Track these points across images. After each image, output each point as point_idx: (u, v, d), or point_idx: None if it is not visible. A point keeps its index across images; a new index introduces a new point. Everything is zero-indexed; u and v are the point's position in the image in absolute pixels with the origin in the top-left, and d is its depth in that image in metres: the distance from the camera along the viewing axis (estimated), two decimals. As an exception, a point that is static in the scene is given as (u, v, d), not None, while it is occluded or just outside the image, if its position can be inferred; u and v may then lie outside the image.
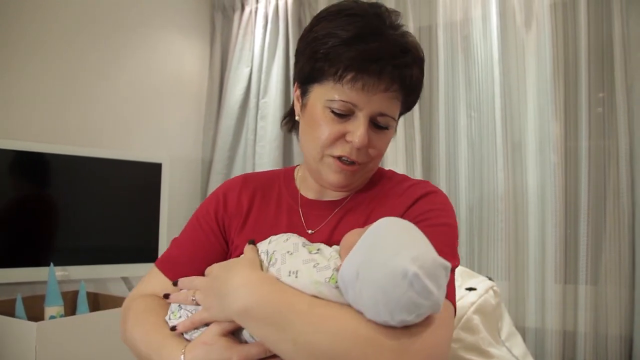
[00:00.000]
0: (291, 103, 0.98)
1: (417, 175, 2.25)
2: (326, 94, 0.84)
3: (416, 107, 2.24)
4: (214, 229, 0.95)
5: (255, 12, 2.71)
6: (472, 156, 2.14)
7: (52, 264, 1.72)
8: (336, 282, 0.70)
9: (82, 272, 1.95)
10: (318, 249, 0.76)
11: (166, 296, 0.85)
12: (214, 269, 0.82)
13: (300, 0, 2.61)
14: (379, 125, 0.85)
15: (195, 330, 0.78)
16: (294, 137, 2.71)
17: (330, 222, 0.90)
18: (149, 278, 0.95)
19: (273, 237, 0.83)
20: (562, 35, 2.00)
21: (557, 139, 1.97)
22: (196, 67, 2.79)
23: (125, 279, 2.21)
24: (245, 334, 0.75)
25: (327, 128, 0.84)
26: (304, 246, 0.77)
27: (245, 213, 0.95)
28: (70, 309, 1.80)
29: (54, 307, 1.69)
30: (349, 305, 0.69)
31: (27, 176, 1.86)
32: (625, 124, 1.88)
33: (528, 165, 2.02)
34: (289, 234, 0.82)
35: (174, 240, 1.00)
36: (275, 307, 0.69)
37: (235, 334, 0.76)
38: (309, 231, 0.91)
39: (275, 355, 0.73)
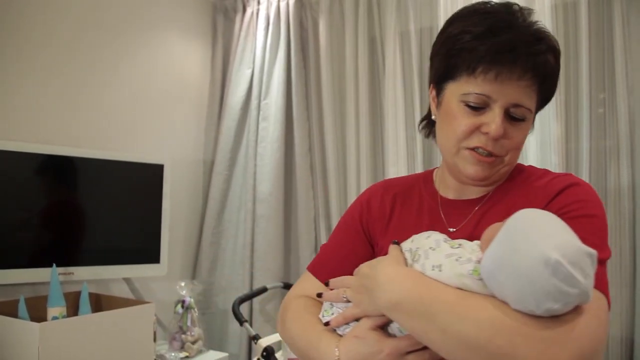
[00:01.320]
0: (428, 107, 1.03)
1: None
2: (460, 89, 0.86)
3: (417, 107, 2.28)
4: (359, 232, 1.01)
5: (257, 13, 2.72)
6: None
7: (54, 265, 1.73)
8: (479, 274, 0.71)
9: (85, 273, 1.96)
10: (459, 244, 0.78)
11: (319, 295, 0.92)
12: (362, 268, 0.85)
13: (302, 1, 2.61)
14: (514, 117, 0.85)
15: (347, 326, 0.83)
16: (296, 138, 2.72)
17: (471, 220, 0.91)
18: (302, 281, 1.02)
19: (415, 236, 0.85)
20: (563, 36, 2.00)
21: (558, 140, 1.97)
22: (198, 69, 2.80)
23: (127, 280, 2.22)
24: (394, 328, 0.78)
25: (462, 121, 0.86)
26: (445, 242, 0.80)
27: (387, 216, 1.00)
28: (73, 309, 1.81)
29: (57, 308, 1.69)
30: (492, 296, 0.70)
31: (29, 178, 1.87)
32: (626, 124, 1.88)
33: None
34: (431, 232, 0.85)
35: (323, 246, 1.07)
36: (423, 299, 0.72)
37: (384, 328, 0.80)
38: (451, 229, 0.92)
39: (423, 349, 0.76)
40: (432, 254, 0.77)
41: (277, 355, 1.97)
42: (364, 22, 2.43)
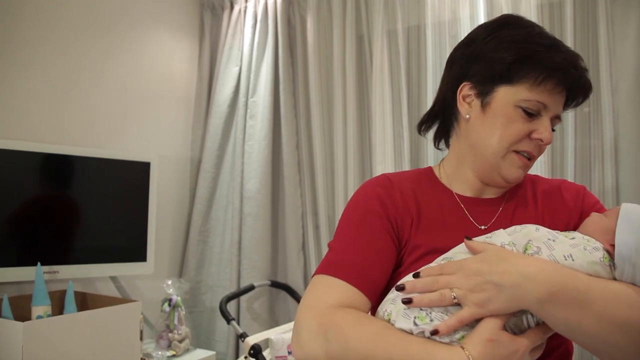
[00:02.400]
0: (434, 104, 1.05)
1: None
2: (520, 94, 0.89)
3: (404, 105, 2.29)
4: (389, 229, 0.92)
5: (245, 11, 2.71)
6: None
7: (39, 263, 1.71)
8: (609, 260, 0.78)
9: (70, 271, 1.94)
10: (573, 237, 0.82)
11: (408, 301, 0.78)
12: (470, 264, 0.78)
13: (290, -1, 2.62)
14: (552, 126, 0.93)
15: (456, 332, 0.75)
16: (283, 136, 2.72)
17: (501, 218, 0.95)
18: (326, 289, 0.85)
19: (508, 230, 0.84)
20: (549, 35, 2.02)
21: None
22: (185, 66, 2.78)
23: (113, 279, 2.20)
24: (512, 324, 0.77)
25: (519, 125, 0.90)
26: (558, 232, 0.83)
27: (415, 212, 0.94)
28: (58, 308, 1.79)
29: (41, 306, 1.68)
30: (619, 281, 0.77)
31: (13, 175, 1.85)
32: (610, 124, 1.91)
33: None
34: (534, 225, 0.85)
35: (336, 245, 0.93)
36: (579, 288, 0.73)
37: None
38: (482, 227, 0.94)
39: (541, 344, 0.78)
40: (556, 244, 0.79)
41: (265, 353, 1.97)
42: (351, 20, 2.44)
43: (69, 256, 1.98)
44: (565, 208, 0.95)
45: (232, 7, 2.75)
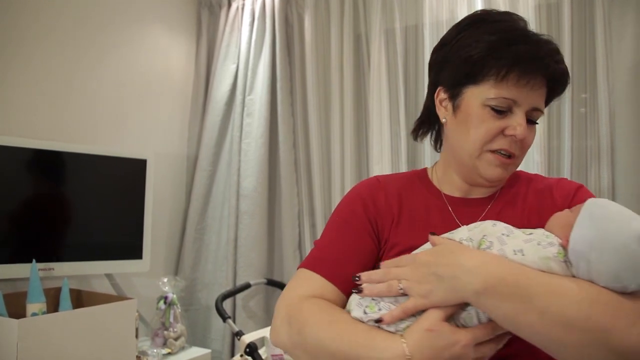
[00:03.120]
0: (422, 111, 1.06)
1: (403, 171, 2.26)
2: (485, 93, 0.88)
3: (402, 104, 2.29)
4: (366, 228, 0.96)
5: (242, 8, 2.70)
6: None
7: (34, 260, 1.71)
8: (564, 256, 0.75)
9: (66, 268, 1.94)
10: (531, 232, 0.80)
11: (358, 290, 0.82)
12: (421, 257, 0.80)
13: (287, -3, 2.61)
14: (531, 120, 0.91)
15: (402, 321, 0.77)
16: (280, 134, 2.72)
17: (486, 218, 0.93)
18: (302, 281, 0.91)
19: (470, 226, 0.85)
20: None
21: (540, 139, 1.99)
22: (182, 64, 2.77)
23: (109, 276, 2.20)
24: (458, 319, 0.76)
25: (488, 124, 0.89)
26: (515, 228, 0.81)
27: (397, 213, 0.97)
28: (53, 306, 1.79)
29: (36, 304, 1.67)
30: (574, 277, 0.74)
31: (8, 171, 1.84)
32: (607, 124, 1.91)
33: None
34: (493, 221, 0.84)
35: (320, 243, 0.98)
36: (519, 282, 0.71)
37: (449, 320, 0.77)
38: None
39: (496, 338, 0.76)
40: (508, 239, 0.78)
41: (260, 351, 1.97)
42: (349, 19, 2.44)
43: (64, 253, 1.98)
44: (554, 207, 0.91)
45: (229, 5, 2.75)
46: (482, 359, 0.76)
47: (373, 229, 0.96)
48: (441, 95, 0.97)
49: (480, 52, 0.88)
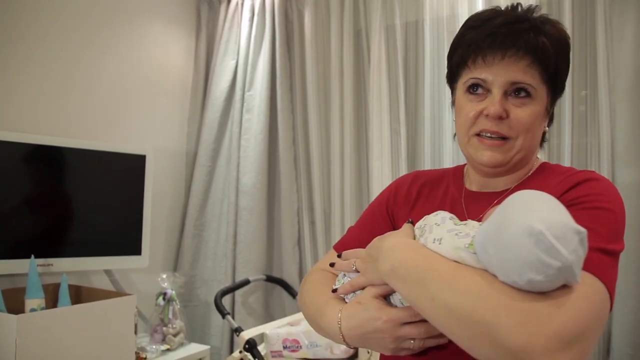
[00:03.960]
0: None
1: (402, 169, 2.26)
2: (463, 81, 0.93)
3: (402, 101, 2.28)
4: (384, 216, 1.07)
5: (242, 4, 2.69)
6: (457, 151, 2.15)
7: (33, 256, 1.70)
8: (474, 247, 0.74)
9: (64, 264, 1.94)
10: (465, 223, 0.81)
11: (332, 265, 0.97)
12: (374, 241, 0.88)
13: (287, -7, 2.60)
14: (516, 95, 0.89)
15: (354, 294, 0.88)
16: (280, 131, 2.72)
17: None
18: (326, 257, 1.08)
19: (427, 215, 0.89)
20: (547, 32, 2.02)
21: (540, 136, 1.99)
22: (181, 59, 2.77)
23: (108, 272, 2.19)
24: (395, 299, 0.83)
25: (466, 108, 0.92)
26: (450, 219, 0.84)
27: (412, 203, 1.04)
28: (52, 301, 1.78)
29: (35, 299, 1.67)
30: (485, 270, 0.71)
31: (8, 167, 1.83)
32: (607, 121, 1.91)
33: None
34: (440, 211, 0.88)
35: (351, 228, 1.13)
36: (418, 267, 0.75)
37: (387, 298, 0.84)
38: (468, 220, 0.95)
39: (419, 322, 0.80)
40: (436, 228, 0.81)
41: (259, 348, 1.97)
42: (349, 14, 2.43)
43: (63, 249, 1.97)
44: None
45: (229, 0, 2.74)
46: (415, 341, 0.80)
47: (390, 219, 1.06)
48: (452, 97, 1.02)
49: (454, 47, 0.95)
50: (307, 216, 2.52)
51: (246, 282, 2.41)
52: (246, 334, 1.99)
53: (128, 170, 2.19)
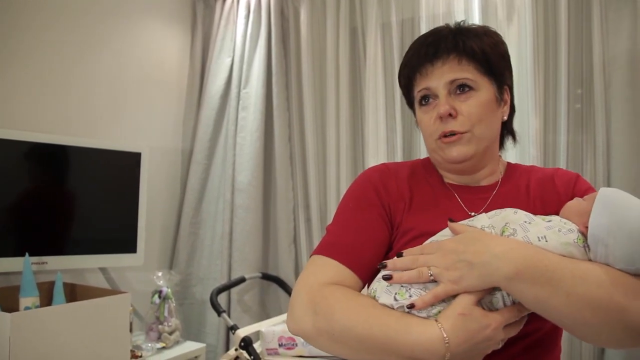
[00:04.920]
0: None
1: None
2: (416, 99, 1.01)
3: (397, 98, 2.28)
4: (381, 213, 0.98)
5: (238, 1, 2.69)
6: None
7: (27, 254, 1.69)
8: (582, 242, 0.80)
9: (59, 262, 1.93)
10: (549, 220, 0.85)
11: (388, 278, 0.84)
12: (448, 244, 0.83)
13: (283, -10, 2.60)
14: (460, 91, 0.96)
15: (433, 307, 0.80)
16: (276, 128, 2.71)
17: (492, 205, 0.97)
18: (319, 268, 0.92)
19: (489, 214, 0.89)
20: (543, 30, 2.02)
21: (536, 133, 1.99)
22: (177, 57, 2.76)
23: (103, 270, 2.19)
24: (488, 302, 0.80)
25: (425, 119, 0.99)
26: (535, 216, 0.86)
27: (408, 198, 1.00)
28: (47, 300, 1.78)
29: (29, 298, 1.66)
30: (592, 261, 0.79)
31: (1, 164, 1.82)
32: (602, 119, 1.91)
33: (508, 157, 2.02)
34: (514, 209, 0.88)
35: (331, 229, 0.99)
36: (547, 266, 0.76)
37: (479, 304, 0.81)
38: (472, 213, 0.97)
39: (520, 320, 0.82)
40: (531, 226, 0.82)
41: (255, 345, 1.97)
42: (345, 12, 2.42)
43: (58, 247, 1.96)
44: (556, 195, 0.96)
45: (225, -2, 2.73)
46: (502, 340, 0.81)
47: (386, 214, 0.99)
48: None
49: (400, 74, 1.05)
50: (303, 214, 2.52)
51: (242, 280, 2.40)
52: (242, 332, 1.99)
53: (123, 168, 2.18)
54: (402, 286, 0.83)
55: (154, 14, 2.60)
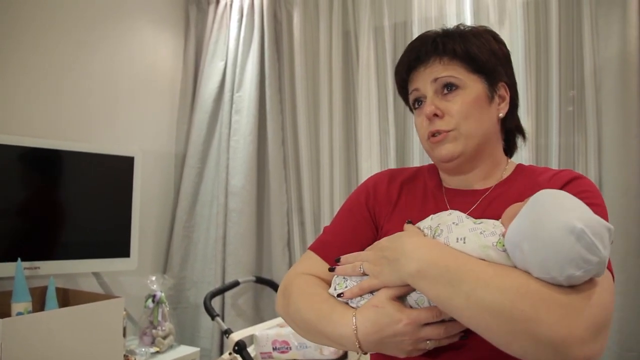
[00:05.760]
0: None
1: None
2: (410, 102, 1.04)
3: (390, 101, 2.29)
4: (366, 216, 1.04)
5: (231, 5, 2.69)
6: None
7: (19, 259, 1.69)
8: (503, 245, 0.76)
9: (52, 267, 1.92)
10: (482, 221, 0.83)
11: (332, 269, 0.93)
12: (381, 242, 0.88)
13: (276, -6, 2.60)
14: (446, 89, 0.97)
15: (361, 298, 0.85)
16: (269, 132, 2.71)
17: (476, 209, 0.96)
18: (304, 260, 1.03)
19: (434, 215, 0.89)
20: (534, 33, 2.03)
21: (529, 136, 1.99)
22: (170, 60, 2.75)
23: (96, 274, 2.18)
24: (411, 300, 0.81)
25: (418, 121, 1.01)
26: (467, 218, 0.84)
27: (394, 202, 1.03)
28: (39, 305, 1.77)
29: (22, 303, 1.66)
30: (514, 267, 0.75)
31: (-6, 169, 1.82)
32: (594, 121, 1.92)
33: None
34: (452, 210, 0.88)
35: (326, 228, 1.08)
36: (449, 267, 0.75)
37: (401, 299, 0.82)
38: None
39: (440, 322, 0.80)
40: (456, 228, 0.81)
41: (249, 349, 1.97)
42: (338, 16, 2.43)
43: (51, 251, 1.96)
44: None
45: (217, 1, 2.73)
46: (431, 341, 0.80)
47: (371, 217, 1.03)
48: None
49: (395, 80, 1.08)
50: (296, 217, 2.52)
51: (236, 284, 2.40)
52: (236, 336, 1.98)
53: (116, 172, 2.18)
54: (344, 278, 0.89)
55: (146, 18, 2.60)
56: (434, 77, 0.97)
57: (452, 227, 0.81)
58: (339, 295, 0.87)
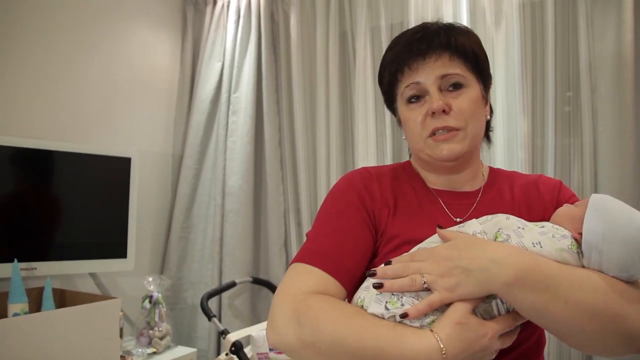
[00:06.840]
0: None
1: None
2: (401, 95, 0.98)
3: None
4: (365, 219, 0.94)
5: (228, 6, 2.69)
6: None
7: (16, 259, 1.68)
8: (576, 248, 0.80)
9: (48, 268, 1.92)
10: (543, 225, 0.84)
11: (379, 286, 0.79)
12: (439, 251, 0.79)
13: (273, -5, 2.60)
14: (451, 87, 0.94)
15: (426, 316, 0.76)
16: (266, 132, 2.71)
17: (477, 211, 0.96)
18: (301, 276, 0.86)
19: (480, 219, 0.87)
20: (530, 34, 2.04)
21: (524, 136, 2.01)
22: (167, 61, 2.75)
23: (93, 275, 2.18)
24: (482, 310, 0.78)
25: (413, 116, 0.96)
26: (528, 223, 0.84)
27: (392, 204, 0.97)
28: (36, 306, 1.77)
29: (18, 304, 1.65)
30: (584, 267, 0.79)
31: (-10, 170, 1.82)
32: (589, 122, 1.93)
33: (496, 161, 2.06)
34: (505, 214, 0.87)
35: (313, 235, 0.94)
36: (545, 273, 0.75)
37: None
38: (457, 219, 0.95)
39: (513, 330, 0.80)
40: (525, 232, 0.81)
41: (246, 350, 1.97)
42: (335, 16, 2.43)
43: (47, 252, 1.95)
44: (541, 201, 0.96)
45: (215, 2, 2.73)
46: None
47: (370, 220, 0.94)
48: (396, 117, 1.06)
49: (382, 71, 1.02)
50: (293, 218, 2.52)
51: (233, 285, 2.40)
52: (232, 337, 1.98)
53: (113, 173, 2.18)
54: (393, 295, 0.78)
55: (144, 18, 2.60)
56: (443, 72, 0.92)
57: (520, 231, 0.81)
58: (402, 316, 0.76)
